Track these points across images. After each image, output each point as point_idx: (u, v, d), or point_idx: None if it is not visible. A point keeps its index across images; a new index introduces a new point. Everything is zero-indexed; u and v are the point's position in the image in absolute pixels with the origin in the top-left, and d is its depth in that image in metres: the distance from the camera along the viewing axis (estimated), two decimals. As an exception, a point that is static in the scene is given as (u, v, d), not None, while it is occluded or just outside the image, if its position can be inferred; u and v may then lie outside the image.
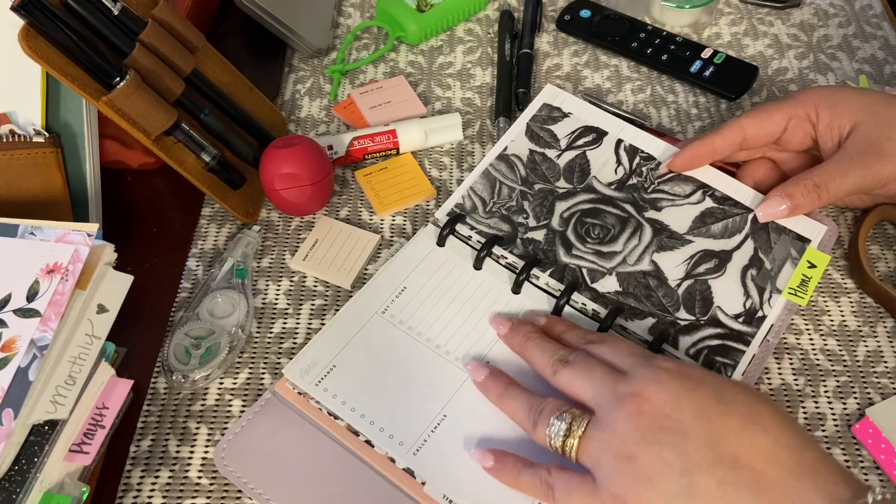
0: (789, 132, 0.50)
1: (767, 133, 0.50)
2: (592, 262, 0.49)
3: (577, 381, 0.41)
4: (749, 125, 0.50)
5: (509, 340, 0.46)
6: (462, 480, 0.41)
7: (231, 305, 0.49)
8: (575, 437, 0.38)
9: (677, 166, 0.52)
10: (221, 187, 0.53)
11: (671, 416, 0.37)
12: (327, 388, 0.44)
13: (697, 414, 0.37)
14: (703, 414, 0.37)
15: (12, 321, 0.38)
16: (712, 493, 0.35)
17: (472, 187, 0.54)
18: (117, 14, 0.48)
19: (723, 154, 0.51)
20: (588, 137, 0.55)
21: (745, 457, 0.35)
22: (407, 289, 0.49)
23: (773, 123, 0.49)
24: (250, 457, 0.43)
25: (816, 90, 0.50)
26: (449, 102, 0.63)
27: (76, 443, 0.40)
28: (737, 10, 0.71)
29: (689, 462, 0.36)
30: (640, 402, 0.38)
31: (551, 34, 0.69)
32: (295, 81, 0.65)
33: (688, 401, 0.37)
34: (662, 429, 0.37)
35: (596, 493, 0.37)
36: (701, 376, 0.39)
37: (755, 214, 0.50)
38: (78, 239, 0.41)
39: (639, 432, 0.37)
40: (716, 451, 0.36)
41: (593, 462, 0.38)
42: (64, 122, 0.50)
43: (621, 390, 0.39)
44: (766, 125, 0.49)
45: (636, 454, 0.36)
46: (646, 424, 0.37)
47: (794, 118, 0.49)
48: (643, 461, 0.36)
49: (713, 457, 0.36)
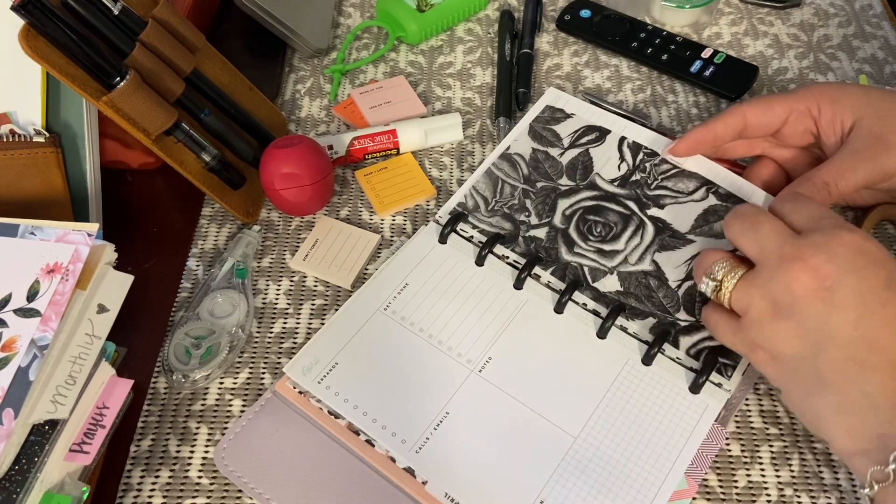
0: (789, 126, 0.50)
1: (768, 123, 0.50)
2: (594, 261, 0.49)
3: (745, 234, 0.41)
4: (750, 113, 0.49)
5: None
6: (464, 479, 0.41)
7: (231, 305, 0.49)
8: (726, 291, 0.41)
9: (680, 151, 0.51)
10: (221, 187, 0.53)
11: (830, 289, 0.37)
12: (329, 386, 0.44)
13: (856, 294, 0.37)
14: (863, 295, 0.37)
15: (12, 321, 0.38)
16: (838, 366, 0.37)
17: (474, 186, 0.54)
18: (117, 14, 0.48)
19: (723, 140, 0.50)
20: (591, 136, 0.55)
21: (884, 342, 0.36)
22: (409, 285, 0.49)
23: (773, 115, 0.49)
24: (250, 456, 0.43)
25: (818, 86, 0.49)
26: (449, 102, 0.63)
27: (76, 442, 0.40)
28: (737, 10, 0.71)
29: (826, 335, 0.37)
30: (803, 269, 0.38)
31: (551, 34, 0.69)
32: (295, 81, 0.65)
33: (853, 278, 0.37)
34: (816, 299, 0.37)
35: (736, 333, 0.41)
36: (879, 256, 0.38)
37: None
38: (78, 239, 0.41)
39: (791, 297, 0.38)
40: (858, 331, 0.36)
41: (742, 310, 0.40)
42: (64, 122, 0.50)
43: (787, 251, 0.39)
44: (766, 115, 0.49)
45: (783, 313, 0.38)
46: (800, 291, 0.37)
47: (795, 112, 0.49)
48: (785, 325, 0.38)
49: (853, 336, 0.36)
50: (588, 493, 0.41)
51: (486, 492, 0.41)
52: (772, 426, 0.45)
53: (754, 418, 0.45)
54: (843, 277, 0.37)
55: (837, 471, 0.43)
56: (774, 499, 0.42)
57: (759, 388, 0.47)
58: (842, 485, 0.43)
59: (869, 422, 0.36)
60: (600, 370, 0.45)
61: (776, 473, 0.43)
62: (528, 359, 0.46)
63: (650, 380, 0.45)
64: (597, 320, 0.47)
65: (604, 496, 0.41)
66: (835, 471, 0.43)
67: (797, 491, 0.43)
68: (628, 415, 0.44)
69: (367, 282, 0.50)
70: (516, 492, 0.41)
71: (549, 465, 0.42)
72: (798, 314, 0.38)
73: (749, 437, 0.45)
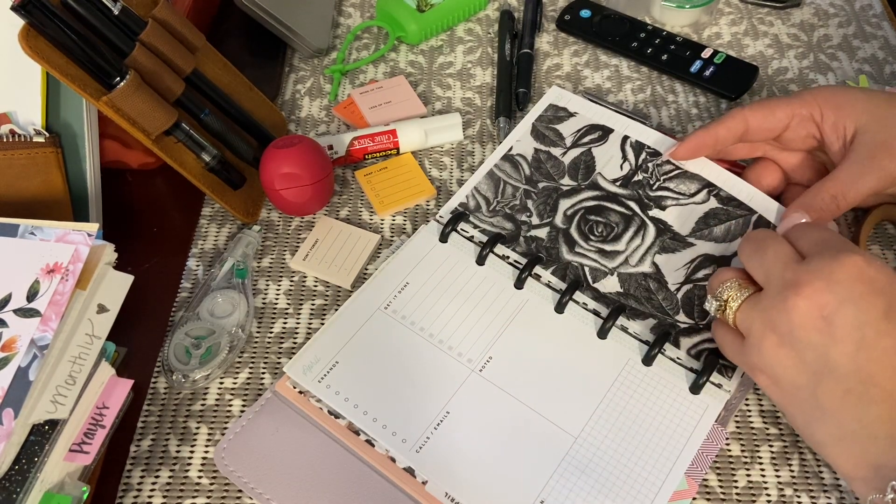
0: (791, 130, 0.49)
1: (769, 128, 0.50)
2: (595, 261, 0.49)
3: (752, 258, 0.42)
4: (752, 117, 0.49)
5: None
6: (465, 479, 0.41)
7: (231, 305, 0.49)
8: (731, 312, 0.41)
9: (680, 155, 0.51)
10: (221, 187, 0.53)
11: (827, 319, 0.37)
12: (330, 385, 0.44)
13: (854, 325, 0.37)
14: (861, 327, 0.37)
15: (12, 321, 0.38)
16: (836, 398, 0.37)
17: (475, 187, 0.54)
18: (117, 14, 0.48)
19: (725, 143, 0.50)
20: (594, 135, 0.55)
21: (882, 376, 0.36)
22: (409, 284, 0.49)
23: (775, 119, 0.49)
24: (250, 456, 0.43)
25: (821, 90, 0.49)
26: (449, 102, 0.63)
27: (76, 442, 0.40)
28: (737, 10, 0.71)
29: (825, 366, 0.37)
30: (802, 298, 0.37)
31: (551, 34, 0.69)
32: (295, 81, 0.65)
33: (851, 308, 0.37)
34: (814, 330, 0.37)
35: (739, 354, 0.41)
36: (879, 284, 0.37)
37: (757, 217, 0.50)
38: (78, 239, 0.41)
39: (790, 325, 0.38)
40: (855, 364, 0.36)
41: (745, 332, 0.41)
42: (64, 122, 0.50)
43: (789, 277, 0.39)
44: (768, 119, 0.49)
45: (781, 343, 0.38)
46: (798, 321, 0.37)
47: (798, 117, 0.49)
48: (784, 352, 0.38)
49: (850, 368, 0.36)
50: (588, 493, 0.41)
51: (486, 491, 0.41)
52: (772, 426, 0.45)
53: (754, 418, 0.45)
54: (841, 308, 0.37)
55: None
56: (774, 499, 0.42)
57: (758, 388, 0.47)
58: (842, 485, 0.43)
59: (867, 452, 0.37)
60: (601, 370, 0.45)
61: (776, 473, 0.43)
62: (528, 358, 0.46)
63: (650, 380, 0.45)
64: (597, 320, 0.47)
65: (604, 496, 0.41)
66: (834, 471, 0.43)
67: (797, 491, 0.43)
68: (629, 415, 0.44)
69: (368, 280, 0.50)
70: (517, 491, 0.41)
71: (550, 464, 0.42)
72: (796, 343, 0.38)
73: (749, 437, 0.45)
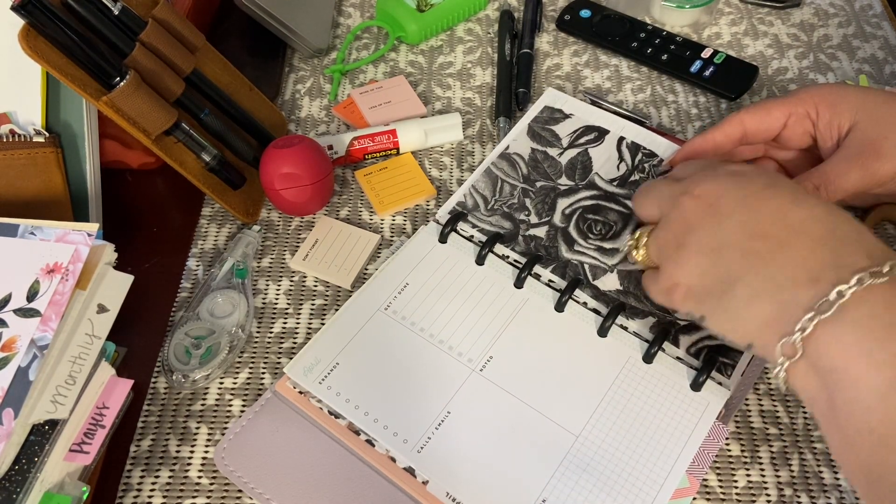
0: (789, 129, 0.50)
1: (767, 129, 0.50)
2: (594, 258, 0.49)
3: (645, 203, 0.44)
4: (749, 121, 0.49)
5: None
6: (466, 478, 0.41)
7: (231, 305, 0.49)
8: (640, 249, 0.44)
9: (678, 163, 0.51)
10: (221, 187, 0.53)
11: (715, 204, 0.40)
12: (331, 386, 0.44)
13: (738, 199, 0.39)
14: (744, 198, 0.39)
15: (12, 321, 0.38)
16: (736, 264, 0.38)
17: (473, 186, 0.54)
18: (117, 14, 0.48)
19: (723, 149, 0.51)
20: (590, 136, 0.55)
21: (773, 230, 0.38)
22: (409, 285, 0.49)
23: (772, 119, 0.49)
24: (250, 457, 0.43)
25: (817, 88, 0.49)
26: (449, 102, 0.63)
27: (76, 442, 0.40)
28: (737, 10, 0.71)
29: (722, 241, 0.39)
30: (689, 197, 0.41)
31: (551, 34, 0.69)
32: (295, 81, 0.65)
33: (734, 189, 0.40)
34: (706, 216, 0.40)
35: (656, 282, 0.43)
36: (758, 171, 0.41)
37: None
38: (78, 239, 0.41)
39: (687, 225, 0.40)
40: (747, 229, 0.38)
41: (657, 259, 0.43)
42: (64, 122, 0.50)
43: (676, 191, 0.42)
44: (765, 121, 0.49)
45: (683, 242, 0.40)
46: (693, 218, 0.40)
47: (794, 115, 0.49)
48: (686, 248, 0.40)
49: (744, 233, 0.38)
50: (590, 491, 0.41)
51: (487, 491, 0.41)
52: (772, 426, 0.45)
53: (754, 418, 0.45)
54: (724, 192, 0.40)
55: (837, 471, 0.43)
56: (774, 499, 0.42)
57: (758, 388, 0.47)
58: (842, 485, 0.43)
59: (775, 301, 0.37)
60: (601, 368, 0.45)
61: (776, 473, 0.43)
62: (529, 357, 0.46)
63: (651, 378, 0.45)
64: (597, 319, 0.47)
65: (606, 494, 0.41)
66: (835, 471, 0.43)
67: (797, 491, 0.43)
68: (630, 413, 0.44)
69: (368, 281, 0.50)
70: (518, 491, 0.41)
71: (551, 463, 0.42)
72: (695, 234, 0.40)
73: (749, 437, 0.45)
